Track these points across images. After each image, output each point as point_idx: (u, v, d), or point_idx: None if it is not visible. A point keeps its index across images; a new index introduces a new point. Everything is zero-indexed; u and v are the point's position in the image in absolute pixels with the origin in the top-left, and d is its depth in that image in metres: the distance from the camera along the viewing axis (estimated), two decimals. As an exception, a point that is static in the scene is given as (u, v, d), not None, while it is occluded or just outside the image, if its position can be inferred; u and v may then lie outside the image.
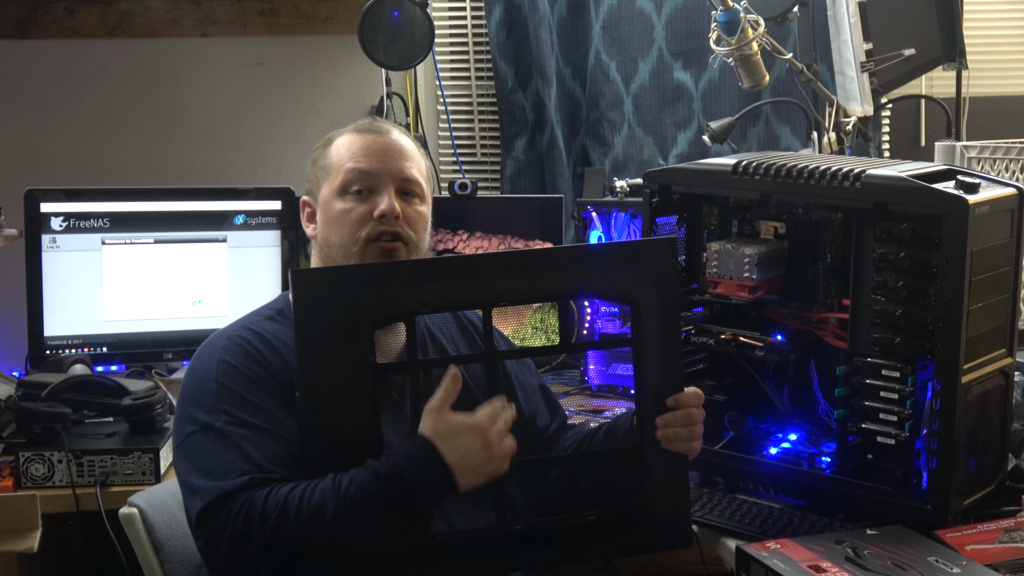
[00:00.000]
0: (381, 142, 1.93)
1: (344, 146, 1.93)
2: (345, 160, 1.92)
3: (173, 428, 1.84)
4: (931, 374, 1.78)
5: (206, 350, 1.86)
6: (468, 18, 3.40)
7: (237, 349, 1.82)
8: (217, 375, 1.80)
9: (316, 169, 1.96)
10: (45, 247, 2.80)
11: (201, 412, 1.78)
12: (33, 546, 2.22)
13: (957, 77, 3.17)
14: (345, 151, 1.93)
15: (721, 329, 2.02)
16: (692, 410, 1.79)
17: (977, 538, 1.72)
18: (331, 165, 1.93)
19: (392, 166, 1.91)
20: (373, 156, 1.91)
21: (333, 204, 1.90)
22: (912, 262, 1.80)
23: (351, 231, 1.88)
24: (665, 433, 1.78)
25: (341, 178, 1.90)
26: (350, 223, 1.88)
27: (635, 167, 3.28)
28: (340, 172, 1.91)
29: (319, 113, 3.32)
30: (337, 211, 1.90)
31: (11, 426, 2.36)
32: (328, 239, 1.91)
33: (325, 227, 1.92)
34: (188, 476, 1.76)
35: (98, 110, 3.24)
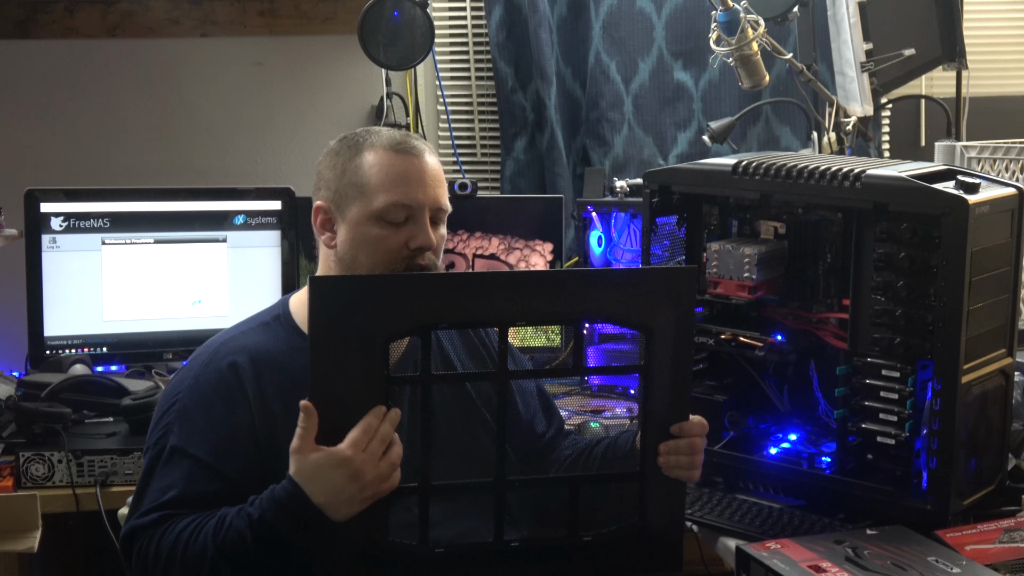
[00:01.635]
0: (417, 168, 1.86)
1: (381, 167, 1.84)
2: (386, 185, 1.84)
3: None
4: (931, 374, 1.78)
5: (193, 361, 1.85)
6: (468, 18, 3.40)
7: (214, 374, 1.81)
8: (184, 394, 1.80)
9: (344, 181, 1.86)
10: (45, 247, 2.80)
11: (159, 430, 1.79)
12: (33, 546, 2.22)
13: (957, 77, 3.17)
14: (385, 175, 1.84)
15: (721, 329, 2.02)
16: (695, 440, 1.78)
17: (977, 538, 1.72)
18: (366, 185, 1.84)
19: (430, 196, 1.86)
20: (413, 185, 1.84)
21: (368, 228, 1.84)
22: (912, 262, 1.80)
23: (385, 260, 1.84)
24: (667, 460, 1.76)
25: (381, 205, 1.83)
26: (386, 252, 1.84)
27: (635, 167, 3.28)
28: (379, 197, 1.83)
29: (319, 113, 3.32)
30: (372, 236, 1.84)
31: (11, 426, 2.36)
32: (356, 258, 1.85)
33: (354, 247, 1.85)
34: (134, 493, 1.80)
35: (98, 110, 3.24)
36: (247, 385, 1.80)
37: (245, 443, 1.76)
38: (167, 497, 1.73)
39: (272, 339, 1.86)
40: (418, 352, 1.88)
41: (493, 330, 2.05)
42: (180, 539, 1.68)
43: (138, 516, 1.74)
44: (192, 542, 1.68)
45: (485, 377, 1.95)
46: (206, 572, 1.67)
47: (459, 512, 1.81)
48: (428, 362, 1.69)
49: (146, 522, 1.72)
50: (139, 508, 1.75)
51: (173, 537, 1.69)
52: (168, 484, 1.74)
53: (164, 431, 1.78)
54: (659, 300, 1.73)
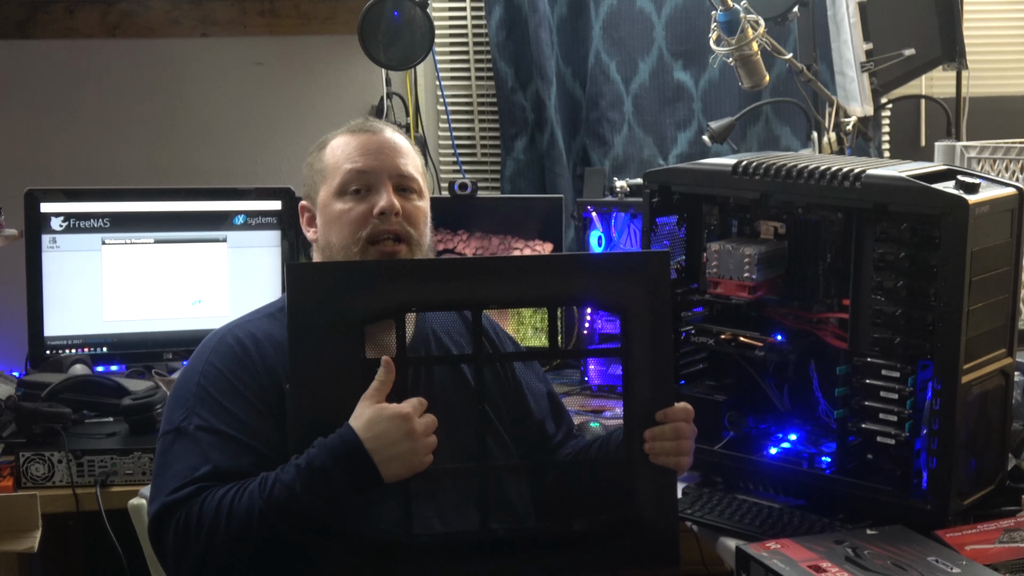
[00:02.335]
0: (376, 140, 1.93)
1: (339, 147, 1.94)
2: (341, 161, 1.92)
3: None
4: (931, 374, 1.78)
5: (201, 349, 1.86)
6: (468, 18, 3.40)
7: (226, 351, 1.83)
8: (200, 377, 1.81)
9: (312, 173, 1.96)
10: (45, 247, 2.80)
11: (178, 413, 1.79)
12: (33, 546, 2.22)
13: (957, 77, 3.17)
14: (341, 152, 1.93)
15: (721, 329, 2.02)
16: (680, 424, 1.76)
17: (977, 538, 1.71)
18: (327, 167, 1.93)
19: (388, 163, 1.91)
20: (369, 155, 1.91)
21: (332, 205, 1.90)
22: (912, 262, 1.80)
23: (352, 231, 1.88)
24: (652, 447, 1.76)
25: (339, 179, 1.90)
26: (350, 223, 1.88)
27: (635, 167, 3.28)
28: (337, 173, 1.91)
29: (319, 113, 3.32)
30: (336, 211, 1.90)
31: (11, 426, 2.36)
32: (329, 240, 1.90)
33: (325, 229, 1.92)
34: (154, 478, 1.77)
35: (98, 110, 3.24)
36: (256, 360, 1.82)
37: (267, 415, 1.78)
38: (201, 472, 1.72)
39: (277, 327, 1.87)
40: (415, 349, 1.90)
41: (497, 327, 2.08)
42: (223, 503, 1.67)
43: (169, 493, 1.71)
44: (237, 502, 1.66)
45: (460, 359, 1.95)
46: (255, 529, 1.65)
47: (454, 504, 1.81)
48: (403, 345, 1.73)
49: (182, 496, 1.70)
50: (167, 487, 1.73)
51: (215, 503, 1.67)
52: (199, 461, 1.73)
53: (186, 414, 1.78)
54: (633, 282, 1.76)
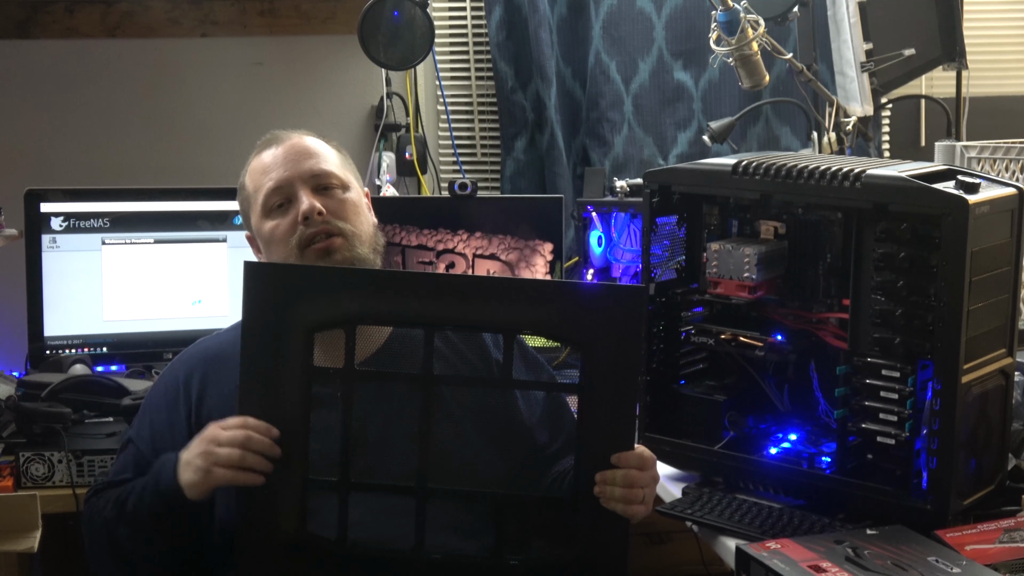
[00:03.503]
0: (282, 151, 1.97)
1: (254, 170, 1.99)
2: (258, 181, 1.97)
3: None
4: (931, 374, 1.78)
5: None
6: (468, 18, 3.40)
7: (167, 372, 2.00)
8: (149, 393, 2.01)
9: (243, 203, 2.02)
10: (45, 247, 2.80)
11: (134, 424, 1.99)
12: (33, 546, 2.22)
13: (957, 77, 3.17)
14: (256, 174, 1.98)
15: (721, 329, 2.02)
16: (632, 472, 1.70)
17: (977, 538, 1.71)
18: (250, 193, 1.99)
19: (298, 169, 1.94)
20: (279, 167, 1.95)
21: (263, 227, 1.95)
22: (912, 262, 1.80)
23: (284, 243, 1.91)
24: (603, 490, 1.70)
25: (261, 200, 1.95)
26: (280, 238, 1.92)
27: (635, 167, 3.28)
28: (259, 195, 1.96)
29: (319, 113, 3.32)
30: (268, 231, 1.94)
31: (11, 426, 2.36)
32: (269, 258, 1.96)
33: (267, 251, 1.96)
34: None
35: (98, 110, 3.24)
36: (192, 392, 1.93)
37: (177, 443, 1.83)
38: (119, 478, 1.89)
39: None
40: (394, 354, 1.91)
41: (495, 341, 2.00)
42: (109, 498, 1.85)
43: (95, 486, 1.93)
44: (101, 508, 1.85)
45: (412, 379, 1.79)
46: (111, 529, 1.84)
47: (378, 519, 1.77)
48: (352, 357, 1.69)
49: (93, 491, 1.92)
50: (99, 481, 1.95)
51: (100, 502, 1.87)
52: (121, 468, 1.92)
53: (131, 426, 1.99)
54: (601, 318, 1.68)
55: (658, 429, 2.10)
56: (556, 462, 1.97)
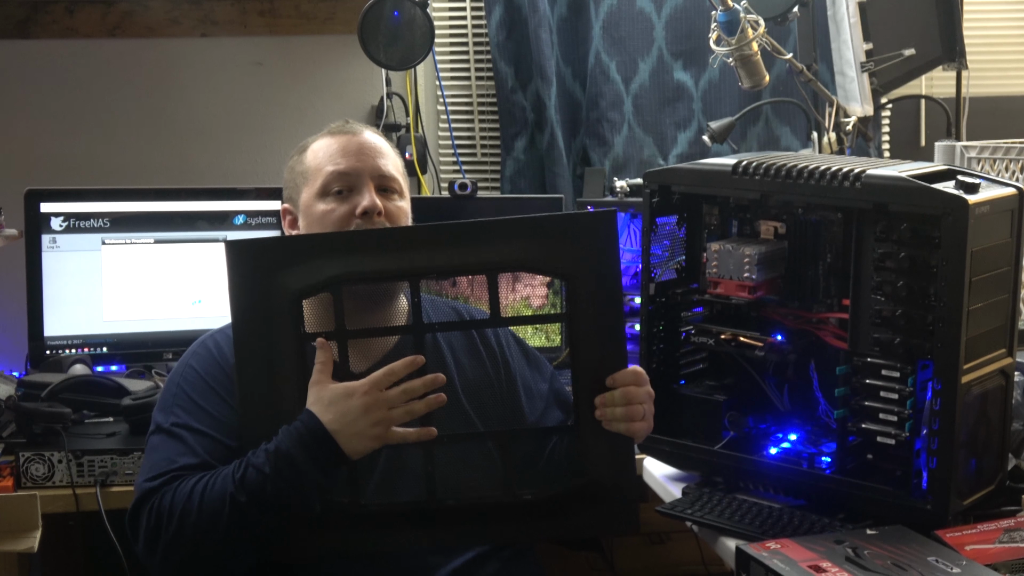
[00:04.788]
0: (356, 142, 1.96)
1: (321, 149, 1.97)
2: (323, 163, 1.95)
3: None
4: (931, 374, 1.78)
5: (184, 354, 1.95)
6: (468, 18, 3.40)
7: (204, 353, 1.91)
8: (180, 379, 1.89)
9: (294, 175, 1.99)
10: (45, 247, 2.80)
11: (160, 414, 1.87)
12: (33, 546, 2.21)
13: (957, 77, 3.17)
14: (322, 154, 1.96)
15: (721, 329, 2.02)
16: (630, 389, 1.76)
17: (977, 538, 1.71)
18: (309, 169, 1.96)
19: (369, 164, 1.94)
20: (350, 156, 1.94)
21: (315, 206, 1.94)
22: (912, 262, 1.80)
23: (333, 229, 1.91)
24: (603, 413, 1.75)
25: (321, 180, 1.94)
26: (333, 223, 1.91)
27: (635, 167, 3.28)
28: (319, 175, 1.94)
29: (319, 113, 3.32)
30: (319, 212, 1.93)
31: (11, 426, 2.36)
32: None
33: (308, 229, 1.95)
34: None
35: (98, 110, 3.24)
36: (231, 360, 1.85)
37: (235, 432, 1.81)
38: (179, 463, 1.77)
39: None
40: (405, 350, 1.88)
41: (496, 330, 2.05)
42: (196, 488, 1.72)
43: (145, 481, 1.77)
44: (210, 488, 1.71)
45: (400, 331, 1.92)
46: (225, 514, 1.68)
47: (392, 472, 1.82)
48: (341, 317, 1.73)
49: (156, 484, 1.75)
50: (143, 477, 1.79)
51: (188, 488, 1.72)
52: (178, 453, 1.79)
53: (165, 414, 1.86)
54: (577, 246, 1.74)
55: (658, 429, 2.08)
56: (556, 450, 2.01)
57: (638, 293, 2.26)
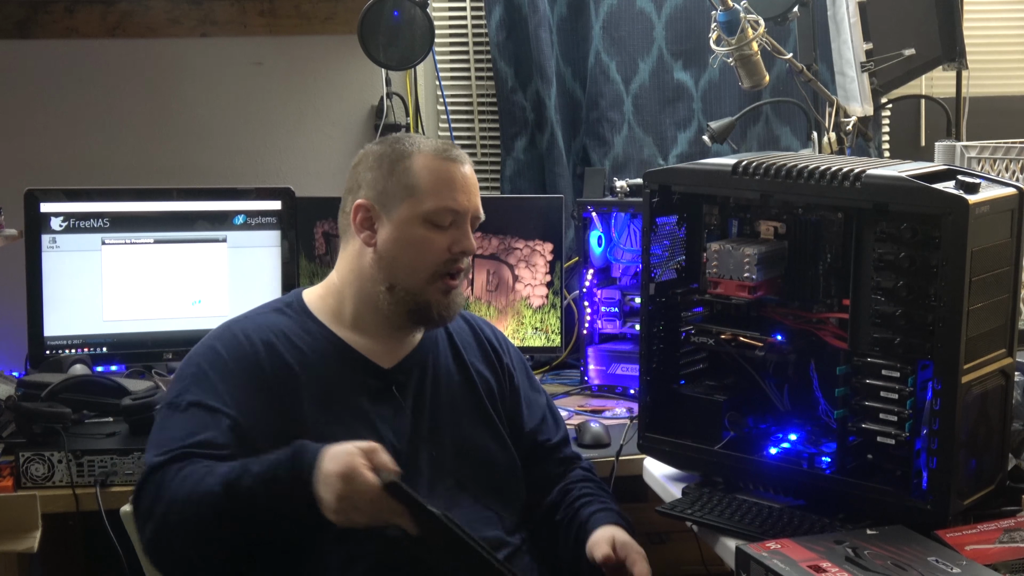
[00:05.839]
0: (463, 175, 1.95)
1: (432, 172, 1.92)
2: (435, 187, 1.91)
3: None
4: (931, 374, 1.78)
5: (206, 337, 1.93)
6: (468, 18, 3.40)
7: (232, 340, 1.89)
8: (200, 359, 1.88)
9: (394, 181, 1.93)
10: (45, 247, 2.80)
11: (174, 390, 1.86)
12: (33, 546, 2.21)
13: (957, 77, 3.17)
14: (435, 179, 1.92)
15: (721, 329, 2.02)
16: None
17: (977, 538, 1.72)
18: (418, 187, 1.91)
19: (473, 204, 1.96)
20: (461, 193, 1.93)
21: (414, 229, 1.91)
22: (912, 262, 1.80)
23: (429, 260, 1.91)
24: None
25: (432, 208, 1.91)
26: (430, 253, 1.91)
27: (635, 167, 3.28)
28: (430, 200, 1.91)
29: (319, 113, 3.32)
30: (419, 238, 1.91)
31: (11, 426, 2.36)
32: (398, 258, 1.91)
33: (397, 246, 1.91)
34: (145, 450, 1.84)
35: (98, 110, 3.24)
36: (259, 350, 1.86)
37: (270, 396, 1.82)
38: (187, 442, 1.76)
39: (286, 321, 1.93)
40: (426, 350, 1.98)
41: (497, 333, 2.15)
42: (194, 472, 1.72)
43: (156, 455, 1.77)
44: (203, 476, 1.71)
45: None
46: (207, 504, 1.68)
47: None
48: None
49: (163, 459, 1.75)
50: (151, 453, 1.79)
51: (187, 471, 1.72)
52: (187, 432, 1.78)
53: (180, 391, 1.84)
54: None
55: (658, 429, 2.10)
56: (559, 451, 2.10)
57: (638, 293, 2.26)
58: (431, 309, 1.93)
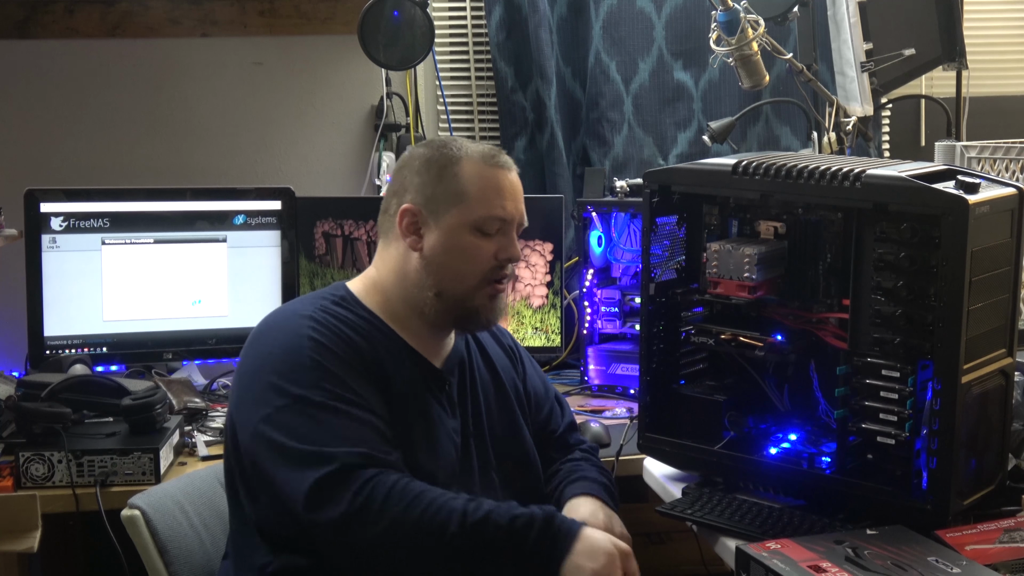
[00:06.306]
0: (511, 182, 1.95)
1: (481, 177, 1.92)
2: (485, 194, 1.91)
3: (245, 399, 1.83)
4: (931, 374, 1.77)
5: (282, 328, 1.86)
6: (468, 18, 3.40)
7: (324, 329, 1.84)
8: (309, 351, 1.81)
9: (440, 188, 1.91)
10: (45, 247, 2.80)
11: (294, 386, 1.78)
12: (33, 546, 2.22)
13: (957, 77, 3.17)
14: (484, 185, 1.91)
15: (721, 329, 2.02)
16: None
17: (977, 538, 1.71)
18: (467, 194, 1.90)
19: (520, 212, 1.96)
20: (509, 200, 1.93)
21: (463, 236, 1.90)
22: (912, 262, 1.80)
23: (477, 267, 1.91)
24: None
25: (481, 216, 1.90)
26: (478, 260, 1.91)
27: (635, 167, 3.28)
28: (480, 208, 1.90)
29: (319, 113, 3.32)
30: (467, 244, 1.90)
31: (11, 426, 2.36)
32: (446, 264, 1.90)
33: (445, 252, 1.90)
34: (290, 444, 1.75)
35: (98, 110, 3.24)
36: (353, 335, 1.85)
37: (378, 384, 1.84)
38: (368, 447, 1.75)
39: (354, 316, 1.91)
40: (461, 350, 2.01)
41: None
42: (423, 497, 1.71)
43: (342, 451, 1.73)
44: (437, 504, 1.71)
45: None
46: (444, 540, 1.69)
47: None
48: None
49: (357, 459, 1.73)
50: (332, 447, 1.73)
51: (414, 491, 1.72)
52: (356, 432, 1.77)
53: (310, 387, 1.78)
54: None
55: (658, 429, 2.10)
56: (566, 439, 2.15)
57: (638, 293, 2.27)
58: (479, 315, 1.93)
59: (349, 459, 1.72)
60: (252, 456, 1.80)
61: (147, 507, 1.96)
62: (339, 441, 1.74)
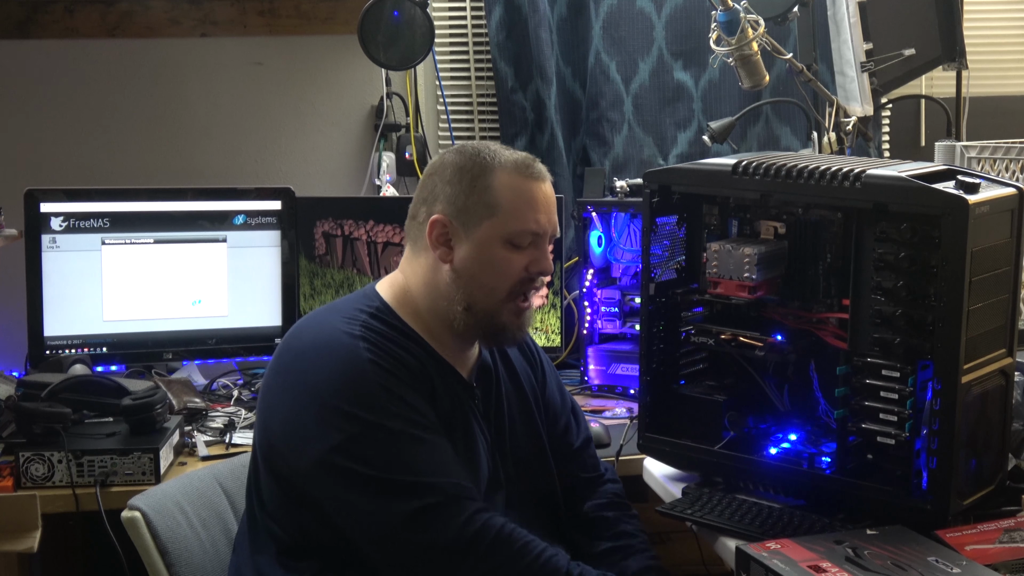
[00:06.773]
0: (545, 194, 1.91)
1: (513, 190, 1.87)
2: (518, 207, 1.87)
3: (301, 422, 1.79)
4: (931, 374, 1.77)
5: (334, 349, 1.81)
6: (468, 18, 3.40)
7: (380, 351, 1.81)
8: (375, 377, 1.77)
9: (472, 199, 1.87)
10: (45, 247, 2.80)
11: (367, 413, 1.76)
12: (33, 546, 2.22)
13: (957, 77, 3.17)
14: (517, 197, 1.87)
15: (721, 329, 2.02)
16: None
17: (977, 538, 1.71)
18: (497, 206, 1.86)
19: (553, 224, 1.93)
20: (543, 213, 1.90)
21: (495, 249, 1.87)
22: (912, 262, 1.80)
23: (508, 280, 1.88)
24: None
25: (515, 230, 1.87)
26: (509, 273, 1.88)
27: (635, 167, 3.28)
28: (514, 222, 1.87)
29: (319, 113, 3.32)
30: (499, 257, 1.87)
31: (11, 426, 2.36)
32: (477, 276, 1.87)
33: (477, 264, 1.87)
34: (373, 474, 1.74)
35: (98, 110, 3.24)
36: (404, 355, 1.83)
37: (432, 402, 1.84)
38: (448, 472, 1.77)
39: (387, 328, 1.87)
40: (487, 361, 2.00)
41: None
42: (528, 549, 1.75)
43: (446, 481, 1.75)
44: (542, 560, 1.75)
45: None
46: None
47: None
48: None
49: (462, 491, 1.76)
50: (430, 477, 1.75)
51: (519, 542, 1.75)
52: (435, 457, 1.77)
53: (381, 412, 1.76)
54: None
55: (658, 429, 2.10)
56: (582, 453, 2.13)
57: (638, 293, 2.26)
58: (506, 331, 1.91)
59: (451, 490, 1.74)
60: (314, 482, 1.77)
61: (147, 508, 1.95)
62: (432, 469, 1.75)
